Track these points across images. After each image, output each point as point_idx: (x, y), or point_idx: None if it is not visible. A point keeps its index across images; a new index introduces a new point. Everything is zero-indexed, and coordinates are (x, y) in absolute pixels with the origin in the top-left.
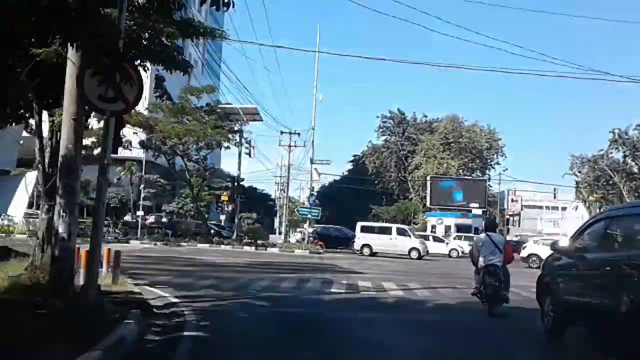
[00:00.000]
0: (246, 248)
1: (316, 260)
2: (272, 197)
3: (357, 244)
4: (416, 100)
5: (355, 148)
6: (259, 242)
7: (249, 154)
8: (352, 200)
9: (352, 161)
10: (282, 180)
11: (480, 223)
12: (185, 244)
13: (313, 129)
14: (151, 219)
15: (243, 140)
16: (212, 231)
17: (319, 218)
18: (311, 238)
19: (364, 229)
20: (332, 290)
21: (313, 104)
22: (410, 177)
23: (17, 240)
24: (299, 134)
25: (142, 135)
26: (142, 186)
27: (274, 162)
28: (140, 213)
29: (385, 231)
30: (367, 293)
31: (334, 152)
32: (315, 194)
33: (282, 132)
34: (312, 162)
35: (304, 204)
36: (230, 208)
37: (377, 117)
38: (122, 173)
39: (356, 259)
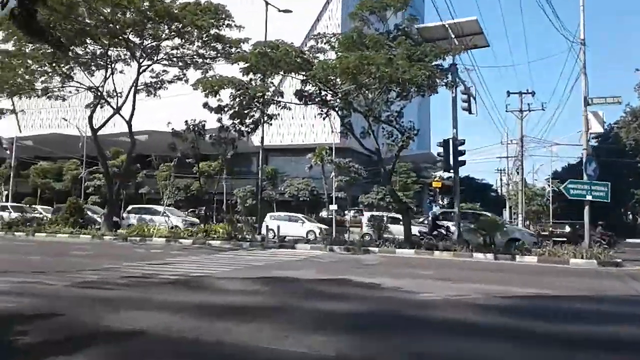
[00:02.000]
0: (477, 256)
1: None
2: (493, 186)
3: None
4: None
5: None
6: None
7: (468, 109)
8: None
9: (596, 137)
10: (507, 166)
11: None
12: (376, 249)
13: (582, 44)
14: (349, 215)
15: (458, 81)
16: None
17: (607, 199)
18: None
19: None
20: None
21: (580, 2)
22: None
23: None
24: (533, 93)
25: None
26: (332, 174)
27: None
28: (333, 207)
29: None
30: None
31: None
32: (593, 157)
33: (509, 93)
34: (587, 102)
35: (544, 189)
36: (443, 200)
37: (637, 70)
38: (313, 160)
39: None
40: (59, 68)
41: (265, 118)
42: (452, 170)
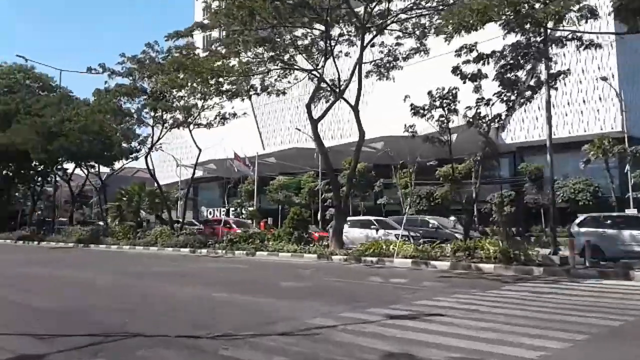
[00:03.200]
0: None
1: None
2: None
3: None
4: None
5: None
6: None
7: None
8: None
9: None
10: None
11: None
12: None
13: None
14: None
15: None
16: None
17: None
18: None
19: None
20: None
21: None
22: None
23: None
24: None
25: None
26: (627, 168)
27: None
28: (631, 212)
29: None
30: None
31: None
32: None
33: None
34: None
35: None
36: None
37: None
38: (591, 154)
39: None
40: (277, 56)
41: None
42: None
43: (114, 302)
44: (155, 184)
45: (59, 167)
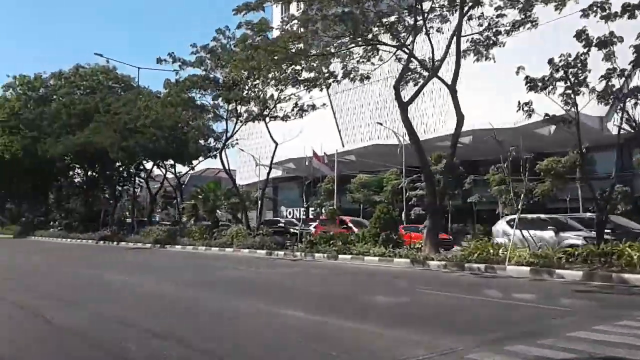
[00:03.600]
0: None
1: None
2: None
3: None
4: None
5: None
6: None
7: None
8: None
9: None
10: None
11: None
12: None
13: None
14: None
15: None
16: None
17: None
18: None
19: None
20: None
21: None
22: None
23: None
24: None
25: None
26: None
27: None
28: None
29: None
30: None
31: None
32: None
33: None
34: None
35: None
36: None
37: None
38: None
39: None
40: (359, 34)
41: None
42: None
43: (161, 321)
44: (233, 183)
45: (141, 167)
